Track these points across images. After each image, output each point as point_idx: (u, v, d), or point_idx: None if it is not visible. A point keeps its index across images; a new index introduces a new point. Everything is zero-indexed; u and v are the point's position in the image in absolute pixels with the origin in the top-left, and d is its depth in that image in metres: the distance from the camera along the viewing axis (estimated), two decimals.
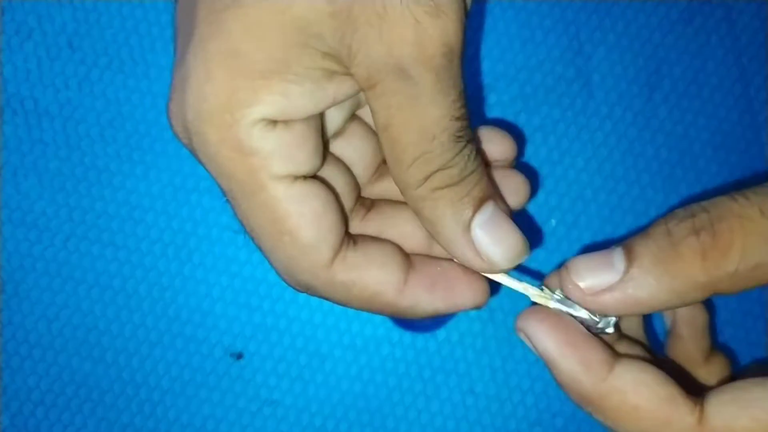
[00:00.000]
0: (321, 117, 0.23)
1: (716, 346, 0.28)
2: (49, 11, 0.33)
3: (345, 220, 0.23)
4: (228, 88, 0.20)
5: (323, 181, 0.23)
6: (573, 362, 0.22)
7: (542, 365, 0.33)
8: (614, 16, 0.33)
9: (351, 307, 0.23)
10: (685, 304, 0.22)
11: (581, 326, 0.23)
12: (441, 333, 0.33)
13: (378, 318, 0.33)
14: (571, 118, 0.33)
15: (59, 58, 0.33)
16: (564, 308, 0.23)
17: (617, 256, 0.22)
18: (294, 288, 0.23)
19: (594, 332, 0.23)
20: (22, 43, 0.33)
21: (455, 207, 0.22)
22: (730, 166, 0.33)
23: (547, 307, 0.23)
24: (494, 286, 0.33)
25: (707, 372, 0.27)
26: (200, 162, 0.22)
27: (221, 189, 0.22)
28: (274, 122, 0.21)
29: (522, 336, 0.23)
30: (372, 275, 0.23)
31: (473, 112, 0.33)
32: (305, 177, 0.22)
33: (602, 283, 0.21)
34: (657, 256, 0.21)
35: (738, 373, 0.28)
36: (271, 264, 0.23)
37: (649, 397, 0.21)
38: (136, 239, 0.33)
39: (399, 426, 0.33)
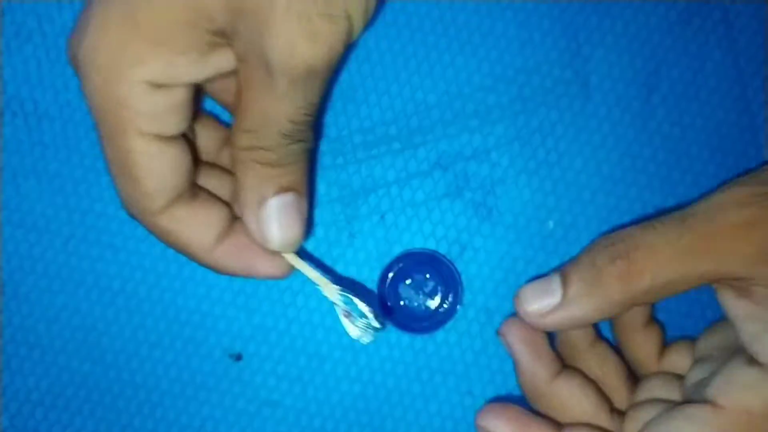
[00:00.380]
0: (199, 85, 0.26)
1: (655, 318, 0.32)
2: (49, 13, 0.33)
3: (189, 178, 0.26)
4: (118, 46, 0.22)
5: (185, 139, 0.26)
6: None
7: None
8: (612, 17, 0.33)
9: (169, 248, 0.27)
10: (613, 316, 0.27)
11: (527, 410, 0.29)
12: (439, 334, 0.33)
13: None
14: (569, 119, 0.33)
15: (59, 60, 0.33)
16: (341, 304, 0.27)
17: (555, 283, 0.27)
18: (128, 215, 0.27)
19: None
20: (21, 45, 0.33)
21: (260, 180, 0.25)
22: (727, 167, 0.34)
23: (499, 402, 0.29)
24: (489, 290, 0.33)
25: (644, 337, 0.30)
26: (82, 90, 0.24)
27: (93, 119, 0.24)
28: (157, 86, 0.23)
29: None
30: (187, 232, 0.26)
31: (473, 113, 0.33)
32: (168, 137, 0.24)
33: (546, 306, 0.27)
34: (586, 282, 0.26)
35: (668, 343, 0.31)
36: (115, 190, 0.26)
37: None
38: (136, 241, 0.33)
39: (397, 427, 0.33)
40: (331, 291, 0.28)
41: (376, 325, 0.28)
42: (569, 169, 0.33)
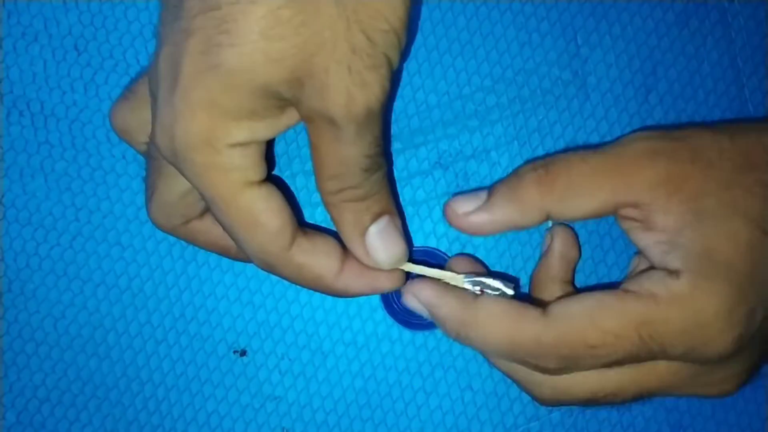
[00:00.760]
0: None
1: None
2: (55, 14, 0.34)
3: (296, 215, 0.28)
4: (208, 127, 0.25)
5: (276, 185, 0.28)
6: (446, 307, 0.29)
7: None
8: (611, 18, 0.34)
9: (298, 285, 0.29)
10: (529, 225, 0.29)
11: (447, 286, 0.29)
12: (440, 331, 0.33)
13: (378, 316, 0.34)
14: (568, 119, 0.33)
15: (65, 60, 0.34)
16: (471, 287, 0.29)
17: (483, 192, 0.30)
18: (260, 268, 0.29)
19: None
20: (28, 46, 0.34)
21: (356, 215, 0.28)
22: None
23: (430, 281, 0.29)
24: None
25: None
26: (186, 178, 0.27)
27: (204, 199, 0.27)
28: (245, 145, 0.26)
29: (412, 300, 0.29)
30: (318, 261, 0.28)
31: (473, 114, 0.34)
32: (264, 180, 0.27)
33: (471, 206, 0.29)
34: (508, 187, 0.29)
35: None
36: (244, 250, 0.28)
37: (505, 309, 0.28)
38: (142, 239, 0.34)
39: (399, 421, 0.34)
40: (458, 280, 0.30)
41: (510, 292, 0.29)
42: None
